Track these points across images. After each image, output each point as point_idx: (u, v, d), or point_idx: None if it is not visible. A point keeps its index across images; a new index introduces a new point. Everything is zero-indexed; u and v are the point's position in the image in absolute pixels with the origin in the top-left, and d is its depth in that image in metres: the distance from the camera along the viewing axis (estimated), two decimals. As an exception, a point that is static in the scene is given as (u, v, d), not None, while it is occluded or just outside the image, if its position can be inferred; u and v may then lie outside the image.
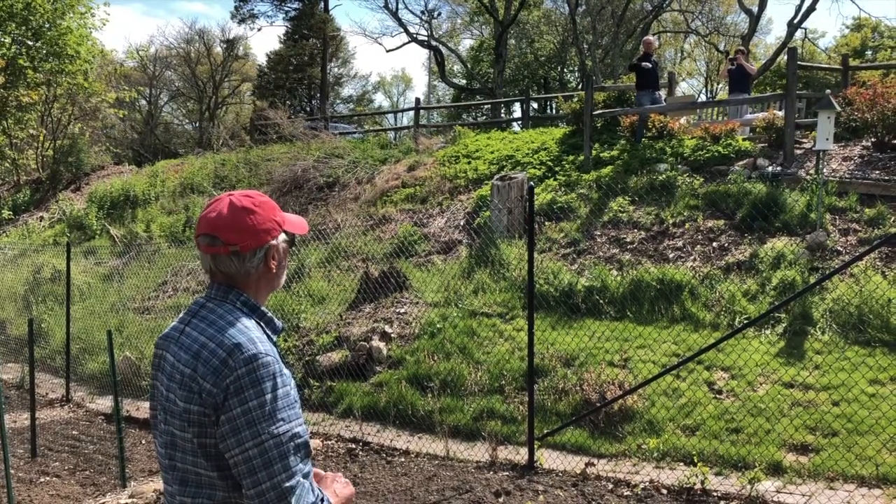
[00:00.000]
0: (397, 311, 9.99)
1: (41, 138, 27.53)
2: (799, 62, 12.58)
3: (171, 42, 48.11)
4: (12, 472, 6.26)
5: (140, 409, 9.17)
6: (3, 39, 26.36)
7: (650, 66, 13.11)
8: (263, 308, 2.05)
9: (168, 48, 45.55)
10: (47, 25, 25.82)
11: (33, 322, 8.50)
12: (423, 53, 64.59)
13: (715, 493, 5.65)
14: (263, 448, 1.82)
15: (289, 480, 1.82)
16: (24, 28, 25.71)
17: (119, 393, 7.45)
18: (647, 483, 5.92)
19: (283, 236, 2.07)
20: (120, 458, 6.81)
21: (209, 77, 43.50)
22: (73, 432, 8.69)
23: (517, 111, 32.93)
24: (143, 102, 44.60)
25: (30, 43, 25.82)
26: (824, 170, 9.94)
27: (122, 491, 6.52)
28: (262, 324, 2.03)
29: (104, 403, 9.81)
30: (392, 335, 9.40)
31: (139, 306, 12.94)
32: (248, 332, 1.93)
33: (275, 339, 2.06)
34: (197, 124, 44.50)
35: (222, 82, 44.05)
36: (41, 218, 21.32)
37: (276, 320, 2.07)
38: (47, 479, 7.00)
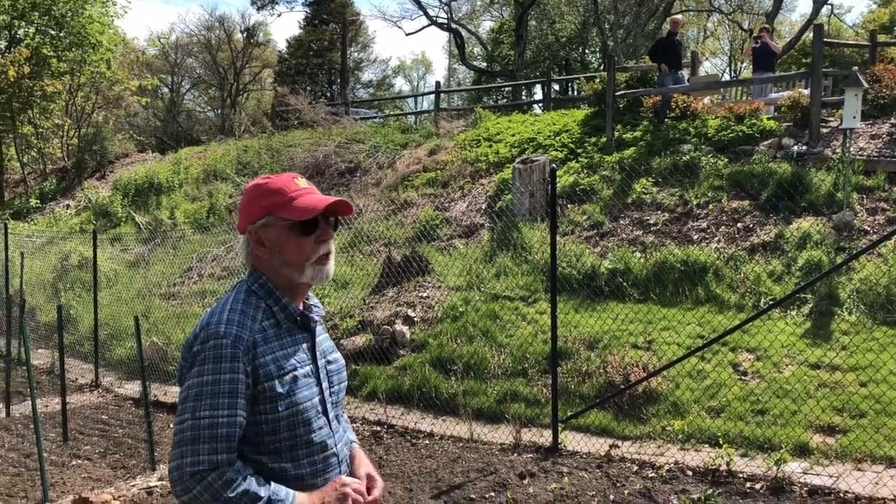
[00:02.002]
0: (420, 295, 10.02)
1: (66, 127, 27.79)
2: (825, 39, 12.39)
3: (191, 29, 48.36)
4: (45, 455, 6.37)
5: (167, 393, 9.29)
6: (27, 30, 26.61)
7: (670, 43, 12.96)
8: (279, 293, 2.05)
9: (189, 35, 45.76)
10: (70, 14, 25.99)
11: (62, 308, 8.62)
12: (443, 36, 64.29)
13: (741, 475, 5.63)
14: (182, 427, 1.87)
15: (194, 466, 1.82)
16: (46, 18, 25.91)
17: (147, 378, 7.55)
18: (673, 464, 5.91)
19: (270, 220, 2.04)
20: (149, 441, 6.91)
21: (230, 64, 43.66)
22: (103, 417, 8.83)
23: (538, 93, 32.71)
24: (166, 90, 44.89)
25: (53, 32, 26.06)
26: (851, 148, 9.80)
27: (152, 474, 6.62)
28: (274, 308, 2.03)
29: (132, 388, 9.95)
30: (415, 319, 9.43)
31: (165, 292, 13.08)
32: (227, 312, 1.96)
33: (285, 323, 2.04)
34: (219, 111, 44.71)
35: (243, 69, 44.19)
36: (67, 206, 21.57)
37: (290, 307, 2.05)
38: (79, 462, 7.13)
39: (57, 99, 26.39)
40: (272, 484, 1.89)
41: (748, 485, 5.45)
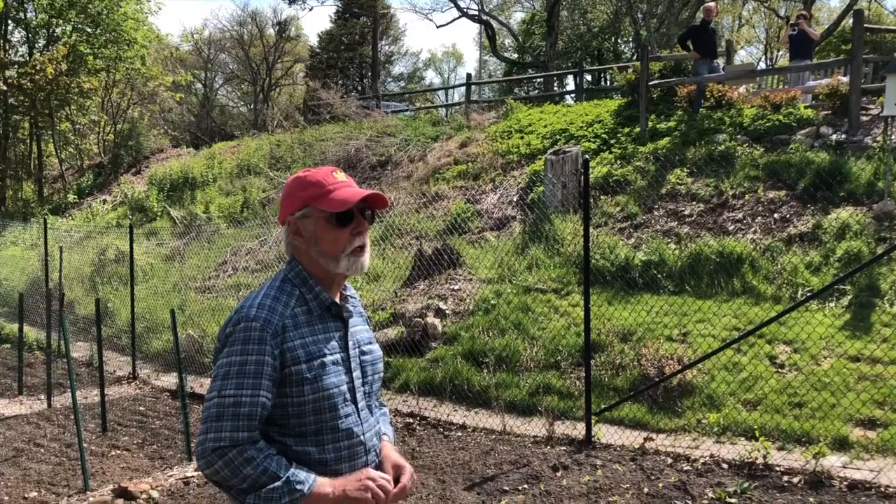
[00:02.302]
0: (451, 287, 10.01)
1: (102, 123, 28.22)
2: (865, 24, 12.12)
3: (224, 25, 48.79)
4: (85, 445, 6.49)
5: (203, 385, 9.40)
6: (64, 28, 27.04)
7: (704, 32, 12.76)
8: (312, 281, 2.11)
9: (221, 31, 46.13)
10: (105, 12, 26.33)
11: (100, 302, 8.75)
12: (474, 28, 64.07)
13: (778, 468, 5.54)
14: (209, 405, 1.96)
15: (216, 442, 1.90)
16: (83, 16, 26.27)
17: (183, 370, 7.65)
18: (708, 458, 5.84)
19: (309, 211, 2.11)
20: (185, 432, 7.00)
21: (262, 59, 43.95)
22: (141, 408, 8.96)
23: (570, 84, 32.48)
24: (199, 86, 45.33)
25: (89, 30, 26.43)
26: (893, 136, 9.58)
27: (189, 464, 6.71)
28: (307, 296, 2.10)
29: (169, 380, 10.08)
30: (446, 311, 9.43)
31: (200, 286, 13.23)
32: (260, 298, 2.05)
33: (317, 311, 2.09)
34: (252, 106, 45.06)
35: (275, 64, 44.45)
36: (104, 201, 21.91)
37: (322, 295, 2.10)
38: (118, 452, 7.24)
39: (93, 95, 26.79)
40: (293, 466, 1.94)
41: (786, 478, 5.37)
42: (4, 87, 24.88)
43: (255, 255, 13.49)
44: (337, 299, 2.18)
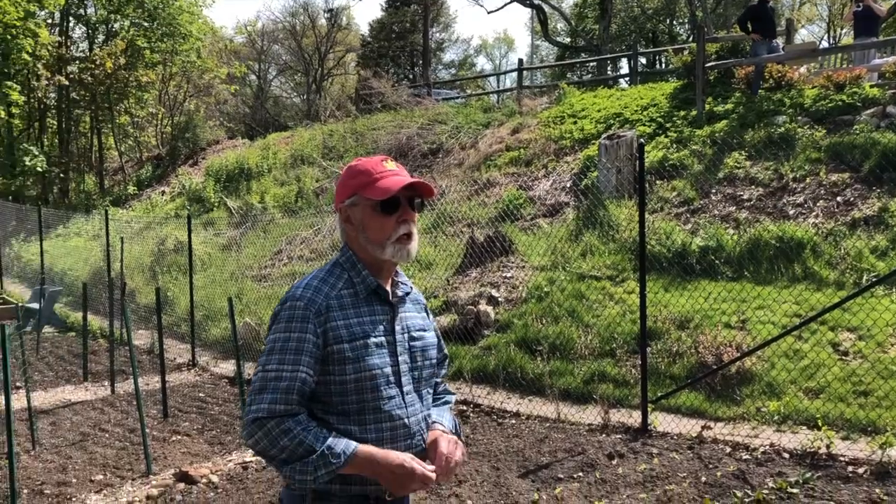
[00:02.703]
0: (504, 275, 9.97)
1: (160, 116, 28.82)
2: (933, -1, 11.63)
3: (276, 16, 49.31)
4: (147, 430, 6.65)
5: (260, 372, 9.53)
6: (122, 23, 27.66)
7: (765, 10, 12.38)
8: (361, 266, 2.18)
9: (274, 22, 46.58)
10: (161, 6, 26.82)
11: (160, 291, 8.95)
12: (526, 13, 63.55)
13: (842, 458, 5.39)
14: (254, 378, 2.05)
15: (256, 413, 1.98)
16: (140, 10, 26.82)
17: (240, 357, 7.79)
18: (768, 446, 5.70)
19: (357, 199, 2.17)
20: (243, 418, 7.12)
21: (314, 49, 44.28)
22: (200, 394, 9.15)
23: (624, 67, 31.99)
24: (253, 77, 45.91)
25: (146, 24, 26.97)
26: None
27: (247, 450, 6.82)
28: (355, 279, 2.16)
29: (227, 367, 10.28)
30: (499, 299, 9.40)
31: (256, 274, 13.44)
32: (309, 279, 2.15)
33: (363, 294, 2.15)
34: (304, 97, 45.48)
35: (327, 54, 44.74)
36: (163, 192, 22.40)
37: (368, 279, 2.16)
38: (178, 437, 7.41)
39: (151, 89, 27.39)
40: (332, 437, 1.98)
41: (850, 469, 5.22)
42: (66, 82, 25.60)
43: (309, 243, 13.63)
44: (388, 285, 2.23)
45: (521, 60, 21.04)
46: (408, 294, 2.29)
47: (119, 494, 5.92)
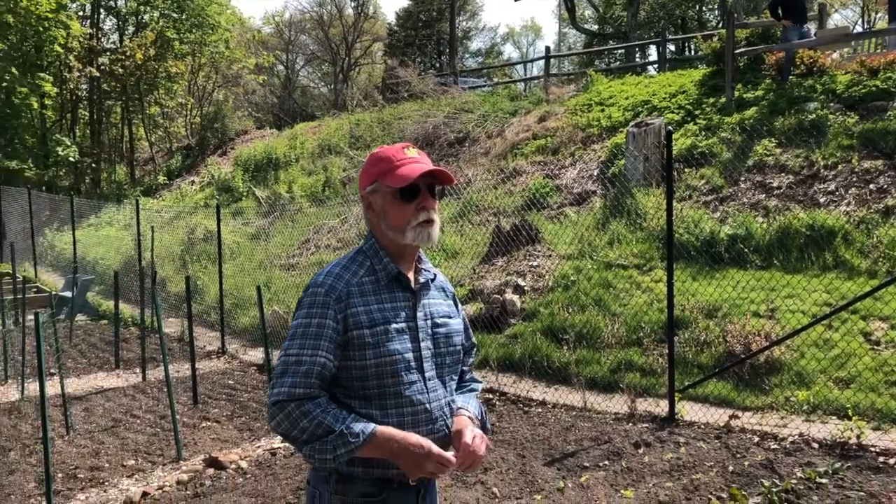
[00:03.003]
0: (530, 263, 9.95)
1: (189, 106, 29.07)
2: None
3: (304, 6, 49.42)
4: (178, 417, 6.76)
5: (288, 360, 9.62)
6: (152, 14, 27.92)
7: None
8: (383, 253, 2.21)
9: (301, 12, 46.79)
10: (190, -3, 26.99)
11: (189, 279, 9.06)
12: (553, 0, 63.05)
13: (873, 448, 5.32)
14: (277, 362, 2.11)
15: (276, 396, 2.03)
16: (169, 2, 27.04)
17: (269, 345, 7.87)
18: (797, 436, 5.65)
19: (377, 186, 2.20)
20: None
21: (342, 39, 44.39)
22: (229, 382, 9.26)
23: (653, 54, 31.64)
24: (281, 67, 46.14)
25: (175, 16, 27.20)
26: None
27: (275, 436, 6.90)
28: (377, 266, 2.20)
29: (256, 355, 10.39)
30: (525, 288, 9.39)
31: (284, 263, 13.54)
32: (331, 267, 2.20)
33: (385, 281, 2.18)
34: (332, 86, 45.62)
35: (354, 43, 44.84)
36: (192, 182, 22.63)
37: (389, 266, 2.19)
38: (208, 423, 7.51)
39: (180, 79, 27.63)
40: (351, 419, 2.02)
41: (881, 459, 5.15)
42: (97, 74, 25.91)
43: (336, 233, 13.71)
44: (411, 272, 2.25)
45: (548, 48, 20.91)
46: (432, 281, 2.31)
47: (150, 479, 6.02)
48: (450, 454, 2.07)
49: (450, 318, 2.30)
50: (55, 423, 7.40)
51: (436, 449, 2.04)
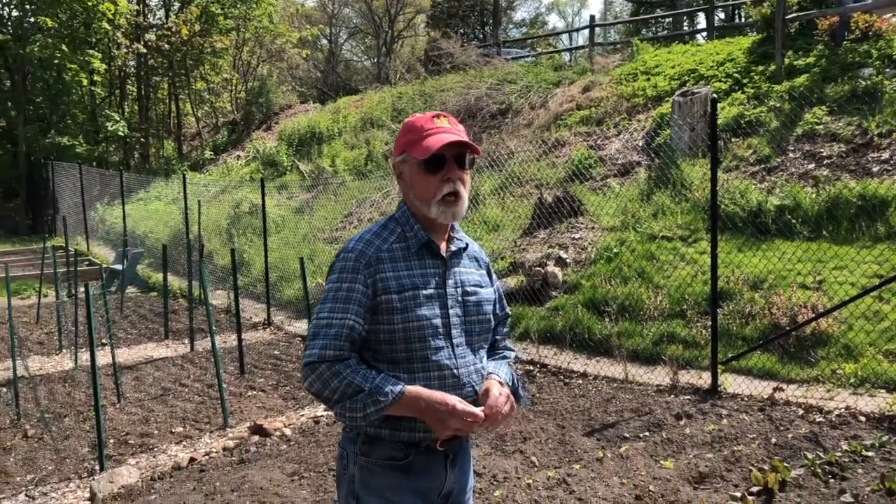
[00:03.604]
0: (572, 236, 9.89)
1: (234, 81, 29.33)
2: None
3: (347, -21, 49.15)
4: (225, 386, 6.91)
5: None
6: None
7: None
8: (413, 220, 2.24)
9: (345, -15, 46.63)
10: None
11: (235, 252, 9.21)
12: (598, -31, 61.83)
13: (922, 423, 5.21)
14: (311, 325, 2.16)
15: (308, 358, 2.08)
16: (213, -24, 27.17)
17: (312, 316, 7.95)
18: (843, 409, 5.55)
19: (406, 156, 2.23)
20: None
21: (385, 11, 44.21)
22: (275, 352, 9.42)
23: (701, 22, 30.91)
24: (324, 41, 46.20)
25: (219, -10, 27.29)
26: None
27: (318, 405, 7.02)
28: (408, 234, 2.22)
29: (300, 326, 10.54)
30: (567, 260, 9.34)
31: (328, 237, 13.67)
32: (363, 233, 2.23)
33: (415, 248, 2.20)
34: (375, 60, 45.58)
35: (397, 16, 44.62)
36: (238, 157, 22.90)
37: (420, 233, 2.22)
38: (254, 392, 7.67)
39: (225, 55, 27.85)
40: (379, 378, 2.05)
41: (930, 434, 5.04)
42: (144, 50, 26.27)
43: (378, 206, 13.77)
44: (443, 240, 2.27)
45: (592, 17, 20.57)
46: (463, 250, 2.32)
47: (198, 445, 6.18)
48: (476, 410, 2.08)
49: (481, 287, 2.31)
50: (107, 392, 7.63)
51: (460, 405, 2.05)
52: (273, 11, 28.44)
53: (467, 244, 2.35)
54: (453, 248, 2.27)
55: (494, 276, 2.45)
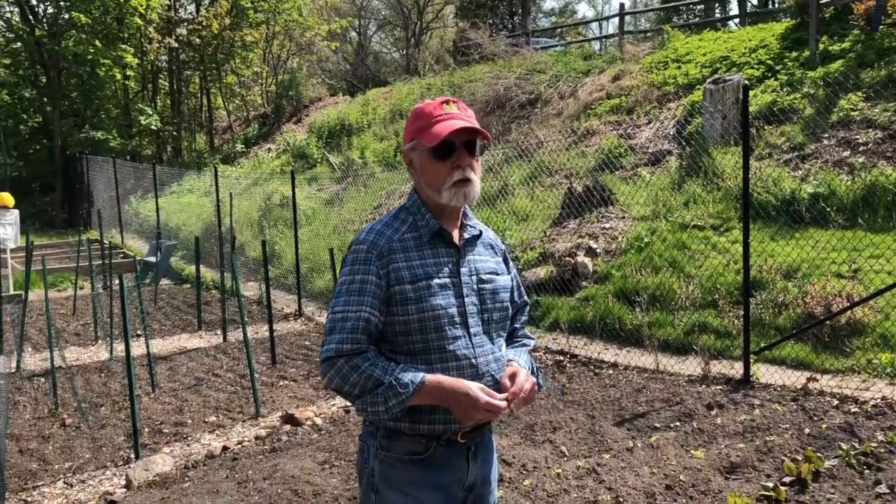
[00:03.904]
0: (602, 226, 9.83)
1: (264, 74, 29.51)
2: None
3: (375, -29, 49.10)
4: (257, 376, 6.99)
5: (361, 322, 9.79)
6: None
7: None
8: (424, 209, 2.21)
9: (373, -23, 46.59)
10: (263, -36, 27.22)
11: (266, 244, 9.29)
12: (629, -43, 61.08)
13: (960, 414, 5.11)
14: (327, 320, 2.13)
15: (326, 353, 2.06)
16: (242, -30, 27.31)
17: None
18: (879, 400, 5.46)
19: (415, 143, 2.20)
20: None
21: (413, 2, 44.14)
22: (306, 342, 9.50)
23: (734, 8, 30.47)
24: (353, 34, 46.26)
25: (248, -17, 27.44)
26: None
27: (348, 395, 7.06)
28: (419, 223, 2.19)
29: (330, 317, 10.59)
30: (597, 250, 9.29)
31: (358, 228, 13.72)
32: (374, 224, 2.21)
33: (427, 237, 2.17)
34: (403, 51, 45.56)
35: (426, 7, 44.53)
36: (269, 149, 23.07)
37: (431, 222, 2.19)
38: (285, 382, 7.75)
39: (255, 48, 28.02)
40: (399, 370, 2.02)
41: (969, 425, 4.95)
42: (176, 44, 26.53)
43: (407, 198, 13.78)
44: (456, 228, 2.24)
45: (622, 5, 20.36)
46: (477, 237, 2.29)
47: (230, 434, 6.26)
48: (499, 398, 2.05)
49: (497, 274, 2.28)
50: (141, 382, 7.76)
51: (483, 397, 2.01)
52: (302, 4, 28.54)
53: (481, 231, 2.32)
54: (467, 235, 2.24)
55: (511, 264, 2.42)
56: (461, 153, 2.14)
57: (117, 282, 7.62)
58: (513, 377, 2.15)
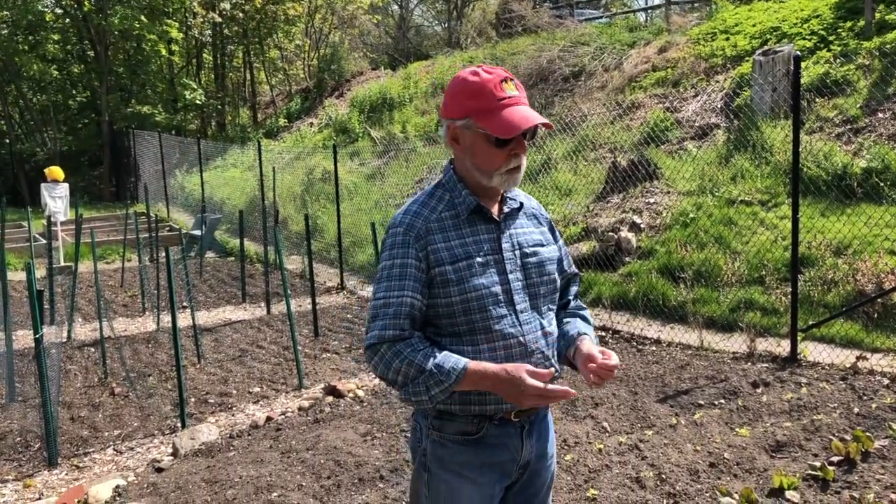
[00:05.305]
0: (647, 201, 9.69)
1: (306, 48, 29.56)
2: None
3: (418, -57, 48.71)
4: (300, 348, 7.08)
5: (403, 296, 9.83)
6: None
7: None
8: (461, 185, 2.11)
9: (415, -51, 46.23)
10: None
11: (309, 218, 9.35)
12: (676, -75, 59.59)
13: None
14: (370, 306, 2.08)
15: (369, 340, 2.01)
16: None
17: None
18: (932, 381, 5.33)
19: (469, 122, 2.04)
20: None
21: (455, -25, 43.73)
22: (348, 316, 9.58)
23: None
24: (395, 7, 46.05)
25: (291, -43, 27.42)
26: None
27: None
28: (456, 200, 2.10)
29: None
30: (641, 225, 9.17)
31: (400, 203, 13.73)
32: (410, 204, 2.13)
33: (465, 214, 2.08)
34: (445, 24, 45.24)
35: (468, -22, 44.10)
36: (311, 124, 23.15)
37: (468, 199, 2.09)
38: (328, 355, 7.83)
39: (297, 22, 28.04)
40: (441, 357, 1.95)
41: None
42: (219, 19, 26.69)
43: (449, 171, 13.73)
44: (496, 203, 2.15)
45: (669, -25, 19.89)
46: (518, 209, 2.20)
47: (274, 405, 6.35)
48: (554, 386, 1.95)
49: (542, 246, 2.19)
50: (187, 353, 7.90)
51: (530, 383, 1.91)
52: (345, -23, 28.48)
53: (521, 203, 2.22)
54: (506, 209, 2.15)
55: (558, 233, 2.33)
56: (520, 141, 2.04)
57: (164, 254, 7.75)
58: (589, 356, 2.06)
